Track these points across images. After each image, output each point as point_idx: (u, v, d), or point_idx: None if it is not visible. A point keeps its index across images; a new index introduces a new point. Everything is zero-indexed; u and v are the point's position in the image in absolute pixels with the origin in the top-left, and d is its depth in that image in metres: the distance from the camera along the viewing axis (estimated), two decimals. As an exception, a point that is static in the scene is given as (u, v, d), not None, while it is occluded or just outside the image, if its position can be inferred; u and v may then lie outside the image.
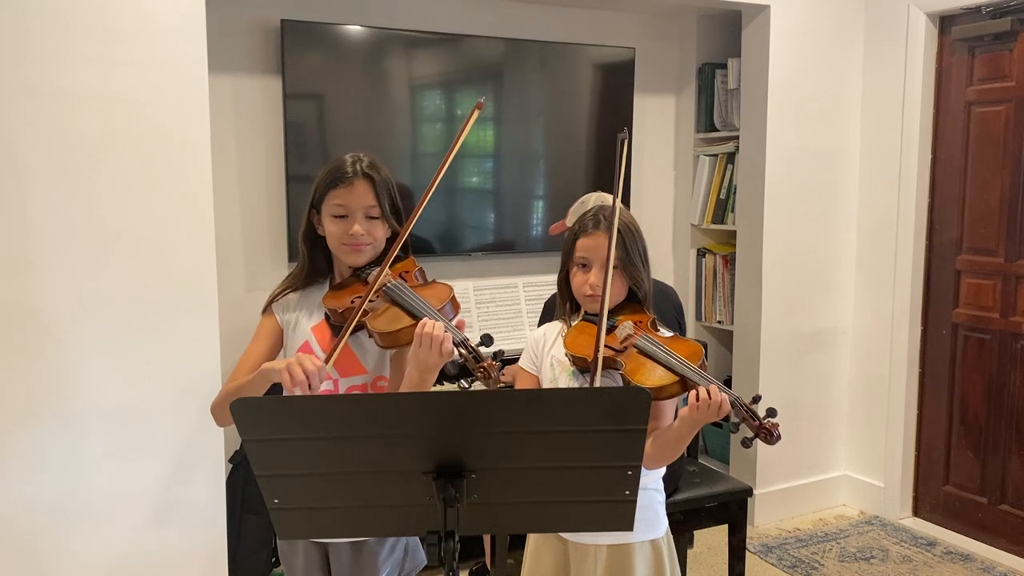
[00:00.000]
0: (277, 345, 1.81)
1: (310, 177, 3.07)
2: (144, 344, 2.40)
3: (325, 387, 1.71)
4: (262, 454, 1.20)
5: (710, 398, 1.56)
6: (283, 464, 1.21)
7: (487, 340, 1.55)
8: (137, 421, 2.42)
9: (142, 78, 2.34)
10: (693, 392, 1.59)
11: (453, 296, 1.69)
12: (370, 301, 1.64)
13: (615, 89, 3.61)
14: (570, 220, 2.66)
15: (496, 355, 1.55)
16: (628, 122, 3.65)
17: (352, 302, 1.65)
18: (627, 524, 1.30)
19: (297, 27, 2.99)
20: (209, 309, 2.49)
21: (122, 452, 2.41)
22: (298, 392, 1.50)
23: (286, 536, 1.29)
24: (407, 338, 1.59)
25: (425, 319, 1.56)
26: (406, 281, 1.72)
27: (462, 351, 1.55)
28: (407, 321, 1.60)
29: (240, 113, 3.03)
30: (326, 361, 1.62)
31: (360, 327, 1.67)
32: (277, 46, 3.01)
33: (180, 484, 2.50)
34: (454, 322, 1.62)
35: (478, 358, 1.53)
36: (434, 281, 1.77)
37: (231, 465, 2.86)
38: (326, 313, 1.73)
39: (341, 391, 1.71)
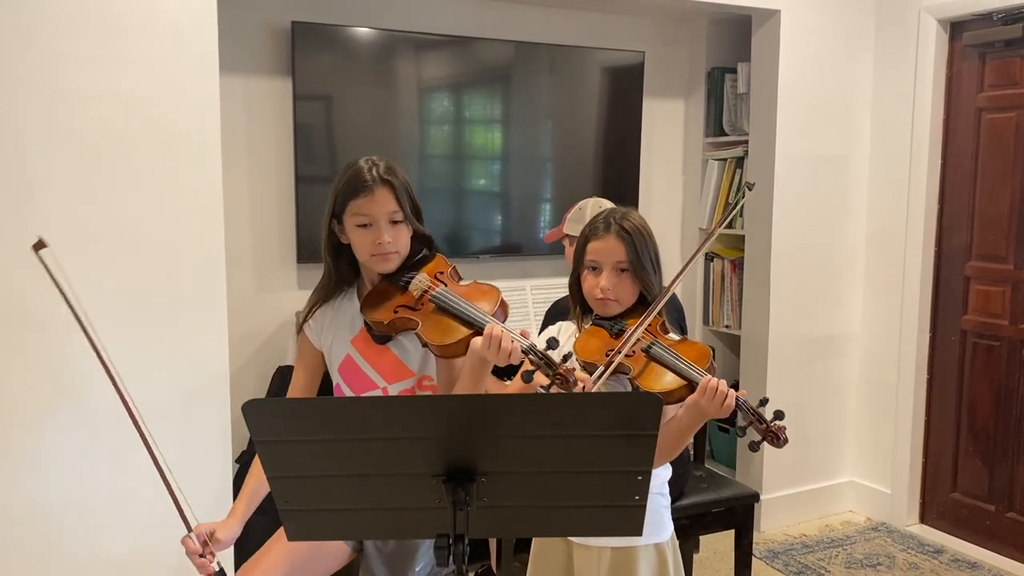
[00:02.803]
0: (319, 368, 1.83)
1: (319, 178, 3.11)
2: (152, 344, 2.40)
3: (374, 396, 1.71)
4: (274, 455, 1.20)
5: (716, 389, 1.55)
6: (294, 466, 1.21)
7: (553, 343, 1.52)
8: (145, 421, 2.42)
9: (154, 79, 2.35)
10: (702, 383, 1.58)
11: (502, 299, 1.68)
12: (414, 310, 1.63)
13: (624, 93, 3.61)
14: (567, 227, 2.66)
15: (566, 357, 1.52)
16: (637, 126, 3.65)
17: (396, 311, 1.63)
18: (636, 529, 1.29)
19: (307, 29, 2.99)
20: (218, 310, 2.49)
21: (129, 452, 2.40)
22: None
23: (296, 538, 1.29)
24: (467, 348, 1.58)
25: (491, 325, 1.55)
26: (444, 284, 1.70)
27: (532, 358, 1.51)
28: (464, 332, 1.59)
29: (250, 114, 3.04)
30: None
31: (403, 332, 1.66)
32: (288, 47, 3.01)
33: (187, 484, 2.49)
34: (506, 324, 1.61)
35: (551, 364, 1.50)
36: (475, 282, 1.75)
37: (238, 465, 2.86)
38: (367, 323, 1.72)
39: None
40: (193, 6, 2.38)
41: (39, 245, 1.64)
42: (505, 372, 1.67)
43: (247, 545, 2.83)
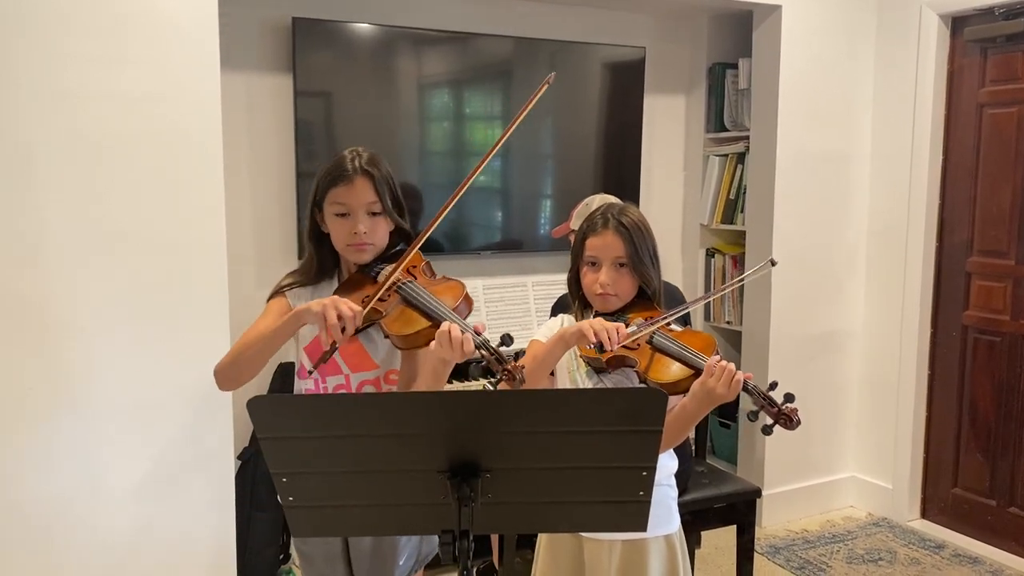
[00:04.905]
0: None
1: (320, 175, 3.09)
2: (155, 341, 2.40)
3: (336, 382, 1.72)
4: (278, 452, 1.20)
5: (724, 368, 1.56)
6: (299, 462, 1.21)
7: (507, 340, 1.53)
8: (147, 418, 2.42)
9: (155, 77, 2.34)
10: (709, 363, 1.58)
11: (466, 293, 1.69)
12: (381, 300, 1.64)
13: (625, 89, 3.60)
14: (574, 222, 2.66)
15: (517, 355, 1.54)
16: (637, 122, 3.65)
17: (363, 301, 1.65)
18: (641, 525, 1.30)
19: (308, 25, 2.99)
20: (220, 306, 2.49)
21: (132, 448, 2.41)
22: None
23: (301, 534, 1.29)
24: (425, 340, 1.59)
25: (446, 322, 1.55)
26: (415, 277, 1.71)
27: (483, 352, 1.54)
28: (423, 323, 1.60)
29: (251, 111, 3.04)
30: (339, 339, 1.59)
31: (371, 324, 1.67)
32: (288, 44, 3.01)
33: (189, 481, 2.50)
34: (469, 319, 1.61)
35: (500, 360, 1.52)
36: (444, 277, 1.76)
37: (239, 462, 2.87)
38: None
39: (353, 386, 1.72)
40: (193, 5, 2.38)
41: None
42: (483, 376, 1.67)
43: (249, 544, 2.85)
